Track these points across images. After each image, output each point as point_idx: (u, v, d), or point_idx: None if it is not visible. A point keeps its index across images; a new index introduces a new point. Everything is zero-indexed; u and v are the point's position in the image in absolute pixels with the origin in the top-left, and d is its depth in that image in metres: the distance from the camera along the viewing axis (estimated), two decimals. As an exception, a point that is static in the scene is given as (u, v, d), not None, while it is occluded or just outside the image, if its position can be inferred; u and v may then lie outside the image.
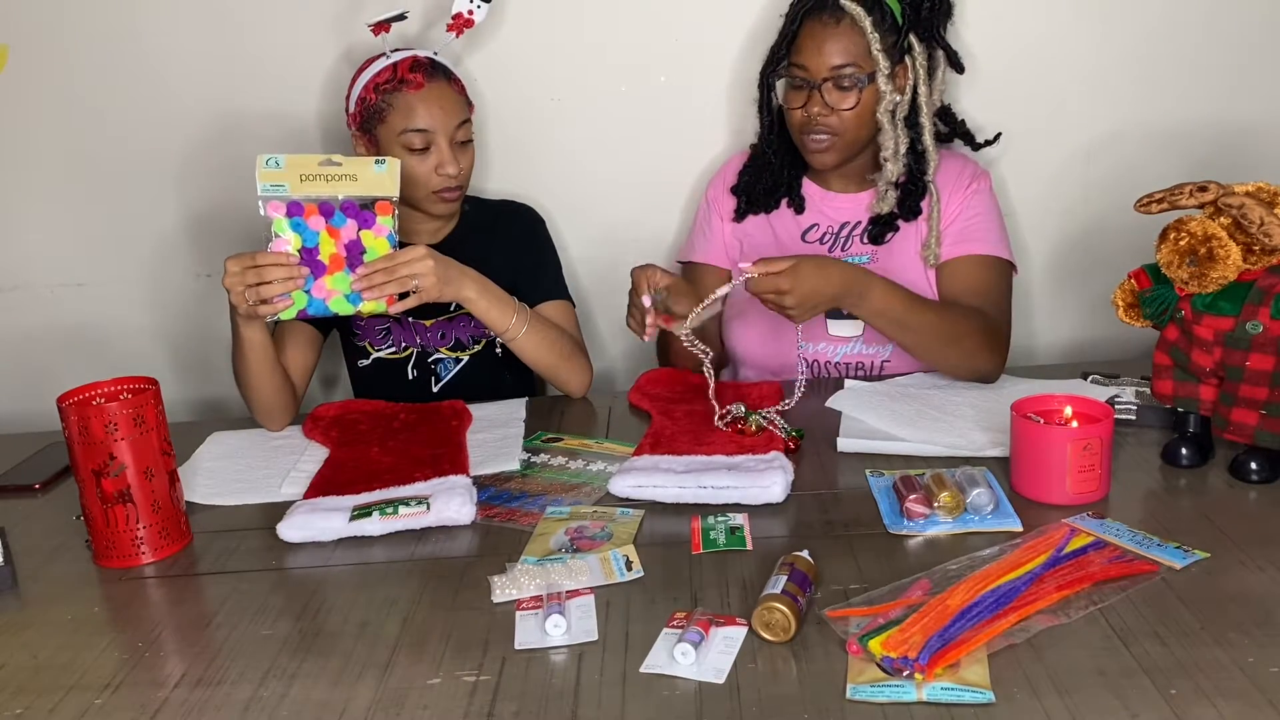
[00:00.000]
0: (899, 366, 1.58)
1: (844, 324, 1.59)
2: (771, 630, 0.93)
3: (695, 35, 1.80)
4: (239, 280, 1.34)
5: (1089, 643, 0.90)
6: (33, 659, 1.01)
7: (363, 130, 1.58)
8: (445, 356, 1.66)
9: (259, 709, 0.90)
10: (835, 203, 1.64)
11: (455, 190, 1.58)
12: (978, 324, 1.48)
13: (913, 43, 1.56)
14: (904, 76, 1.57)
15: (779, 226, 1.66)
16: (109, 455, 1.14)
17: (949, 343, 1.45)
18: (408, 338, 1.65)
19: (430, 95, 1.54)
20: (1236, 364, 1.14)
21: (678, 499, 1.20)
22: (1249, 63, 1.79)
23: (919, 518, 1.11)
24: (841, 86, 1.52)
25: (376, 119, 1.55)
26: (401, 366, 1.66)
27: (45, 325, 1.97)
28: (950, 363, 1.48)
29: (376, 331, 1.66)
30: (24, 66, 1.84)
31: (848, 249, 1.62)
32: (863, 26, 1.49)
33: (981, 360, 1.47)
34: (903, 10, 1.54)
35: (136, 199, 1.91)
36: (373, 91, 1.55)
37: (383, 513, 1.18)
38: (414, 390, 1.66)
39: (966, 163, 1.65)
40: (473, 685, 0.91)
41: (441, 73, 1.58)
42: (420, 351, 1.66)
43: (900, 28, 1.54)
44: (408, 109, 1.53)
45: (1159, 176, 1.33)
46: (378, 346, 1.66)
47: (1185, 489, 1.18)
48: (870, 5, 1.51)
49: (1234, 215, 1.13)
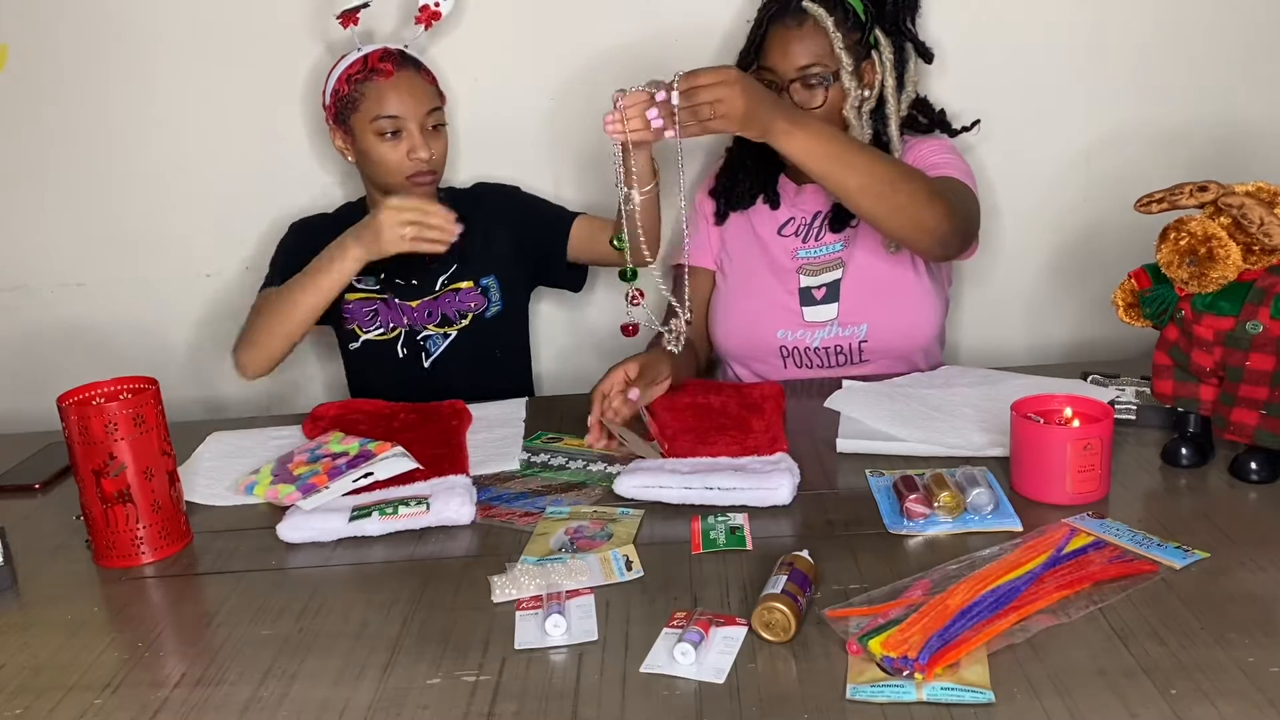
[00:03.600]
0: (878, 346, 1.60)
1: (817, 309, 1.62)
2: (771, 630, 0.93)
3: (677, 32, 1.80)
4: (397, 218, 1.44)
5: (1089, 643, 0.90)
6: (33, 659, 1.01)
7: (338, 121, 1.64)
8: (433, 333, 1.69)
9: (259, 709, 0.90)
10: (806, 194, 1.66)
11: (429, 175, 1.62)
12: (929, 181, 1.42)
13: (879, 37, 1.59)
14: (871, 72, 1.59)
15: (757, 223, 1.69)
16: (109, 455, 1.14)
17: (896, 188, 1.37)
18: (395, 318, 1.69)
19: (400, 83, 1.59)
20: (1236, 364, 1.14)
21: (683, 500, 1.20)
22: (1249, 63, 1.79)
23: (919, 518, 1.11)
24: (808, 85, 1.54)
25: (350, 109, 1.61)
26: (391, 346, 1.69)
27: (45, 325, 1.97)
28: (901, 211, 1.38)
29: (364, 314, 1.68)
30: (24, 66, 1.84)
31: (821, 238, 1.64)
32: (825, 26, 1.51)
33: (936, 213, 1.39)
34: (865, 7, 1.57)
35: (136, 199, 1.91)
36: (345, 83, 1.61)
37: (382, 513, 1.18)
38: (405, 368, 1.69)
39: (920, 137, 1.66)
40: (473, 685, 0.91)
41: (411, 63, 1.63)
42: (409, 330, 1.69)
43: (864, 24, 1.56)
44: (378, 97, 1.59)
45: (1159, 176, 1.33)
46: (366, 329, 1.69)
47: (1185, 489, 1.18)
48: (832, 5, 1.53)
49: (1234, 215, 1.13)
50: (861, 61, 1.57)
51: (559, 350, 1.99)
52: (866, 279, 1.60)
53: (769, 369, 1.66)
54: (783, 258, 1.65)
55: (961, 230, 1.47)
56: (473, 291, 1.70)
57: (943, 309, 1.65)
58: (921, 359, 1.63)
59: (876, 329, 1.60)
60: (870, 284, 1.60)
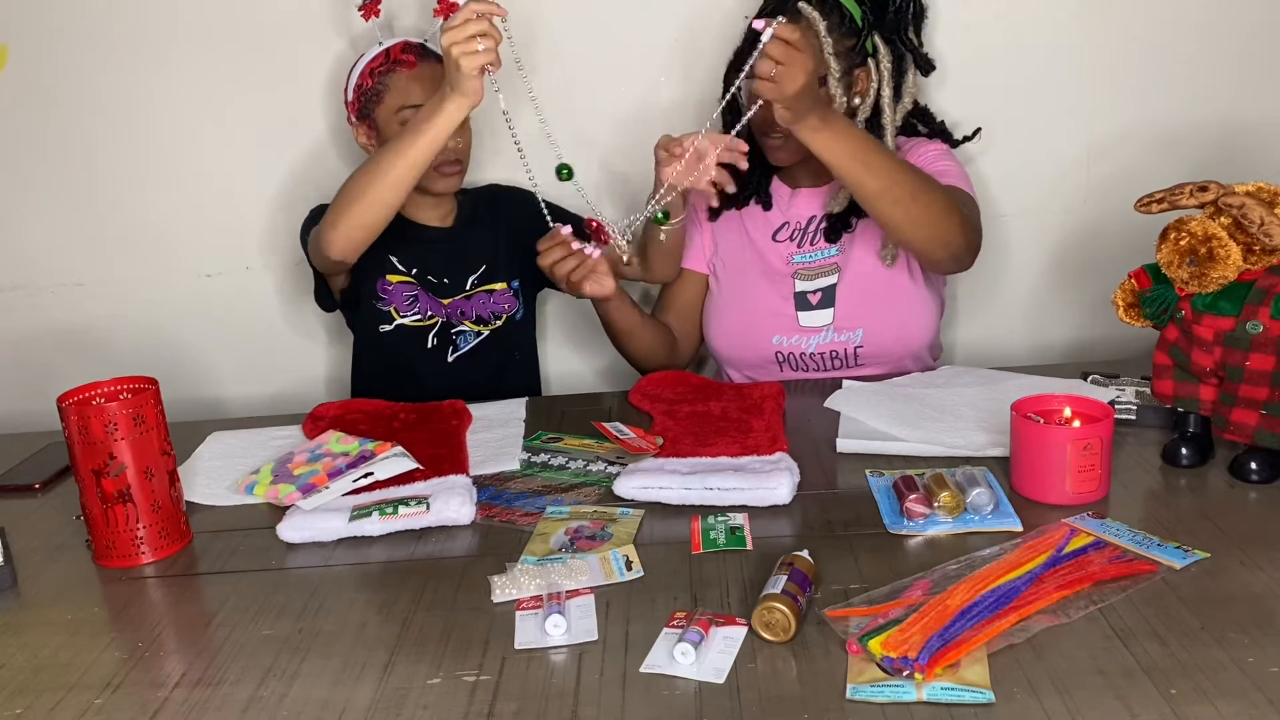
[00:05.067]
0: (873, 351, 1.60)
1: (813, 314, 1.62)
2: (771, 630, 0.93)
3: (691, 28, 1.80)
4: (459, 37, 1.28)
5: (1089, 643, 0.90)
6: (33, 659, 1.01)
7: (361, 116, 1.64)
8: (468, 329, 1.70)
9: (259, 709, 0.90)
10: (800, 198, 1.66)
11: (455, 165, 1.63)
12: (947, 193, 1.44)
13: (877, 44, 1.57)
14: (866, 80, 1.57)
15: (751, 227, 1.68)
16: (109, 455, 1.14)
17: (916, 197, 1.39)
18: (434, 307, 1.69)
19: (423, 74, 1.60)
20: (1236, 364, 1.14)
21: (683, 500, 1.20)
22: (1249, 63, 1.79)
23: (919, 518, 1.11)
24: None
25: (374, 101, 1.62)
26: (424, 335, 1.69)
27: (45, 325, 1.97)
28: (919, 223, 1.40)
29: (404, 298, 1.68)
30: (24, 66, 1.84)
31: (816, 243, 1.63)
32: (817, 29, 1.49)
33: (952, 226, 1.42)
34: (863, 14, 1.55)
35: (136, 199, 1.91)
36: (369, 76, 1.62)
37: (382, 513, 1.18)
38: (430, 359, 1.69)
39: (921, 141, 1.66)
40: (473, 685, 0.91)
41: (433, 55, 1.63)
42: (445, 322, 1.69)
43: (860, 31, 1.54)
44: (403, 88, 1.60)
45: (1159, 177, 1.33)
46: (404, 313, 1.68)
47: (1185, 489, 1.18)
48: (829, 9, 1.51)
49: (1234, 215, 1.13)
50: (855, 69, 1.55)
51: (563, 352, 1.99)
52: (863, 284, 1.60)
53: (765, 376, 1.65)
54: (777, 262, 1.64)
55: (973, 245, 1.49)
56: (506, 293, 1.71)
57: (938, 313, 1.65)
58: (916, 364, 1.63)
59: (872, 334, 1.60)
60: (866, 289, 1.60)
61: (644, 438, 1.37)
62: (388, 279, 1.67)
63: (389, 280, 1.67)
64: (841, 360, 1.62)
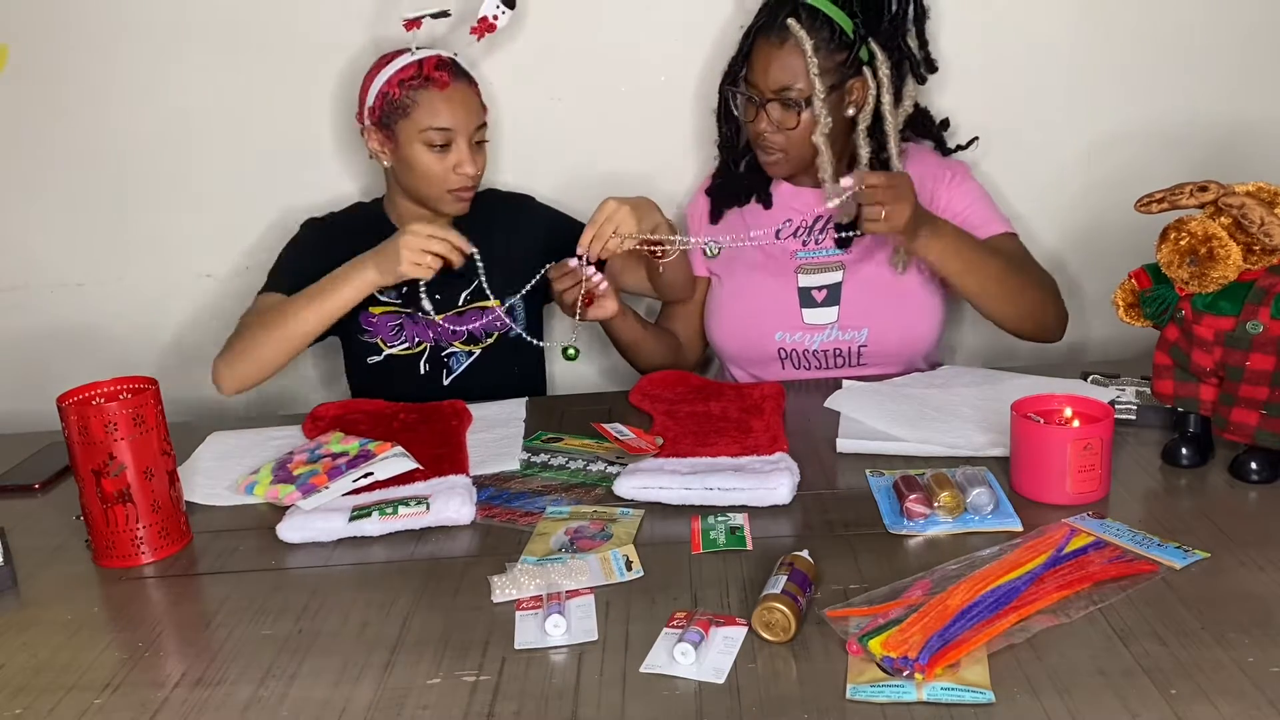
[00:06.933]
0: (877, 350, 1.61)
1: (818, 311, 1.61)
2: (771, 630, 0.93)
3: (700, 36, 1.80)
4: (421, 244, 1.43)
5: (1089, 643, 0.90)
6: (33, 659, 1.01)
7: (380, 125, 1.59)
8: (458, 350, 1.67)
9: (259, 709, 0.90)
10: (805, 196, 1.66)
11: (470, 190, 1.60)
12: (1038, 275, 1.57)
13: (874, 51, 1.56)
14: (863, 88, 1.56)
15: (754, 225, 1.67)
16: (109, 455, 1.14)
17: (1017, 288, 1.51)
18: (420, 333, 1.66)
19: (455, 95, 1.56)
20: (1237, 364, 1.14)
21: (683, 500, 1.20)
22: (1249, 63, 1.79)
23: (919, 518, 1.11)
24: (785, 106, 1.53)
25: (399, 114, 1.56)
26: (414, 362, 1.67)
27: (45, 325, 1.97)
28: (1021, 311, 1.53)
29: (389, 329, 1.66)
30: (24, 66, 1.84)
31: (821, 242, 1.64)
32: (804, 49, 1.49)
33: (1051, 310, 1.56)
34: (855, 26, 1.54)
35: (136, 199, 1.91)
36: (397, 86, 1.56)
37: (382, 513, 1.18)
38: (425, 384, 1.66)
39: (935, 158, 1.67)
40: (473, 685, 0.91)
41: (464, 75, 1.60)
42: (434, 346, 1.67)
43: (852, 43, 1.54)
44: (432, 107, 1.55)
45: (1159, 176, 1.33)
46: (390, 344, 1.66)
47: (1185, 489, 1.18)
48: (819, 24, 1.51)
49: (1234, 215, 1.13)
50: (850, 79, 1.55)
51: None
52: (869, 284, 1.60)
53: (767, 372, 1.65)
54: (781, 258, 1.65)
55: (1062, 320, 1.59)
56: (496, 312, 1.64)
57: (943, 314, 1.65)
58: (921, 364, 1.63)
59: (877, 334, 1.60)
60: (873, 289, 1.60)
61: (644, 438, 1.37)
62: (370, 312, 1.63)
63: (372, 314, 1.64)
64: (845, 358, 1.62)
